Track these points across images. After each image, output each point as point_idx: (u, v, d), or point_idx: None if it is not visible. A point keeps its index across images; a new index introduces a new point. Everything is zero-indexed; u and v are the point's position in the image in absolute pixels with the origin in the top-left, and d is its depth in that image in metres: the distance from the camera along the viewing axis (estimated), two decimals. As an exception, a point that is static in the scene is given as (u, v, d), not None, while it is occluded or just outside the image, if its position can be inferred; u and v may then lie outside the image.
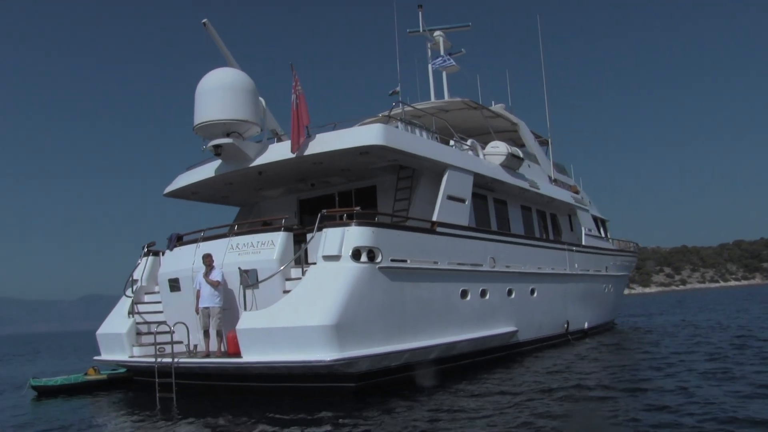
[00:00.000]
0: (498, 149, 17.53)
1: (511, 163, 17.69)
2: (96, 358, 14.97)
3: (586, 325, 21.24)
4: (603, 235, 25.59)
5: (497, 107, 21.25)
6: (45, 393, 14.57)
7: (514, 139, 21.91)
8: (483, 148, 17.72)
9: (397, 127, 14.59)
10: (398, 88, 22.11)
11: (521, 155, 18.35)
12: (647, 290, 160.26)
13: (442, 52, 21.75)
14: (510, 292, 16.00)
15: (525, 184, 18.35)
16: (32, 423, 10.85)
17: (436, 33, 22.11)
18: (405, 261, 12.60)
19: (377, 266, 11.78)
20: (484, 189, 17.04)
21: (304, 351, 10.77)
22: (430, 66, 21.69)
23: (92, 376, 15.12)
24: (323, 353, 10.64)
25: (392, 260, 12.19)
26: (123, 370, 14.93)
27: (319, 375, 11.00)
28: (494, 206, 17.64)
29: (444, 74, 21.83)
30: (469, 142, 17.18)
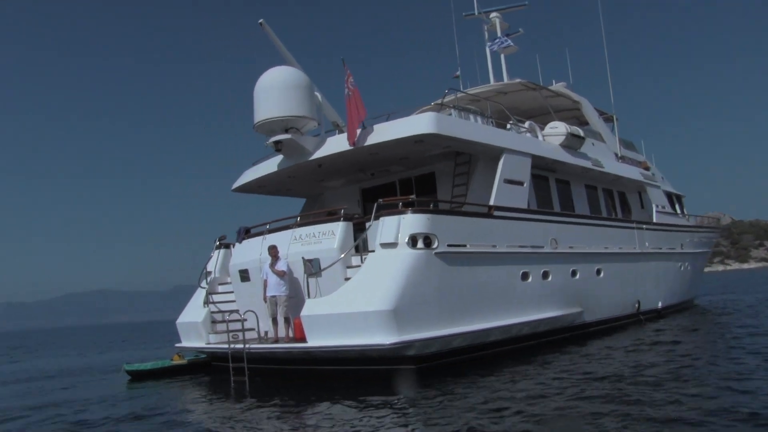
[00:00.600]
0: (557, 130, 17.40)
1: (572, 143, 17.52)
2: (177, 345, 16.01)
3: (659, 305, 20.78)
4: (678, 211, 24.85)
5: (558, 86, 21.00)
6: (137, 377, 15.73)
7: (578, 117, 21.62)
8: (542, 129, 17.64)
9: (450, 114, 14.79)
10: (459, 72, 22.28)
11: (582, 134, 18.13)
12: (745, 266, 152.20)
13: (499, 34, 21.65)
14: (574, 273, 15.96)
15: (588, 164, 18.13)
16: (126, 403, 11.79)
17: (492, 15, 22.05)
18: (462, 246, 12.85)
19: (433, 252, 12.08)
20: (544, 170, 16.99)
21: (365, 335, 11.23)
22: (487, 48, 21.66)
23: (177, 362, 16.17)
24: (383, 337, 11.07)
25: (449, 245, 12.46)
26: (203, 356, 15.90)
27: (379, 358, 11.46)
28: (556, 187, 17.54)
29: (502, 56, 21.74)
30: (526, 124, 17.15)
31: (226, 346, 13.16)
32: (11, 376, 20.75)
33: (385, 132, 13.90)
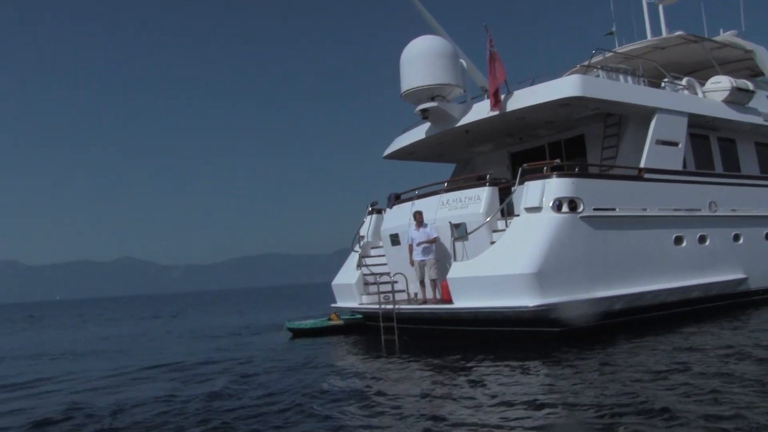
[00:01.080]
0: (720, 84, 16.25)
1: (738, 98, 16.30)
2: (333, 305, 17.11)
3: None
4: None
5: (726, 35, 19.40)
6: (298, 334, 17.06)
7: (751, 68, 19.88)
8: (703, 85, 16.57)
9: (597, 75, 14.38)
10: (614, 29, 21.30)
11: (751, 88, 16.76)
12: None
13: (657, -18, 20.35)
14: (737, 238, 15.02)
15: (758, 119, 16.76)
16: (286, 357, 12.93)
17: None
18: (610, 209, 12.66)
19: (579, 216, 12.00)
20: (705, 129, 16.01)
21: (509, 297, 11.46)
22: (644, 0, 20.47)
23: (334, 321, 17.31)
24: (526, 299, 11.25)
25: (595, 209, 12.30)
26: (359, 316, 16.86)
27: (523, 320, 11.65)
28: (719, 146, 16.45)
29: (661, 7, 20.43)
30: (684, 80, 16.19)
31: (377, 306, 13.92)
32: (189, 332, 23.15)
33: (529, 97, 13.86)
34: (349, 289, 15.98)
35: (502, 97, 14.07)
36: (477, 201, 13.31)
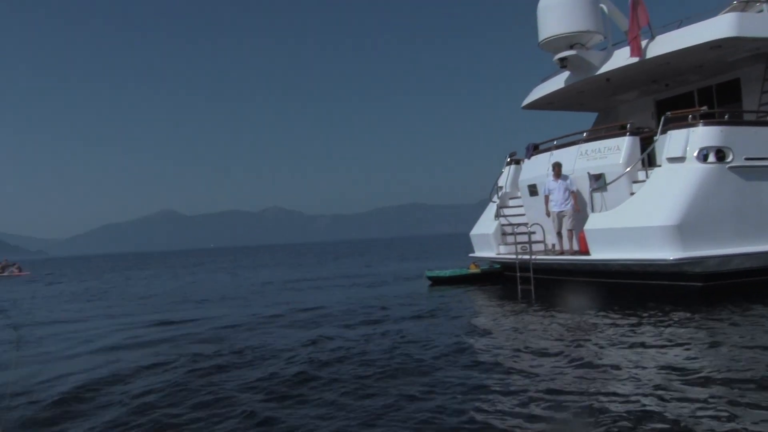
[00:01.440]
0: None
1: None
2: (470, 255, 17.51)
3: None
4: None
5: None
6: (437, 282, 17.70)
7: None
8: None
9: (761, 10, 13.31)
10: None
11: None
12: None
13: None
14: None
15: None
16: (424, 303, 13.59)
17: None
18: (766, 159, 11.90)
19: (727, 166, 11.46)
20: None
21: (648, 250, 11.28)
22: None
23: (473, 270, 17.75)
24: (666, 252, 11.02)
25: (747, 159, 11.66)
26: (498, 266, 17.17)
27: (663, 273, 11.43)
28: None
29: None
30: None
31: (514, 256, 14.15)
32: (331, 279, 24.53)
33: (674, 41, 13.16)
34: (487, 239, 16.28)
35: (644, 42, 13.48)
36: (617, 151, 13.05)
